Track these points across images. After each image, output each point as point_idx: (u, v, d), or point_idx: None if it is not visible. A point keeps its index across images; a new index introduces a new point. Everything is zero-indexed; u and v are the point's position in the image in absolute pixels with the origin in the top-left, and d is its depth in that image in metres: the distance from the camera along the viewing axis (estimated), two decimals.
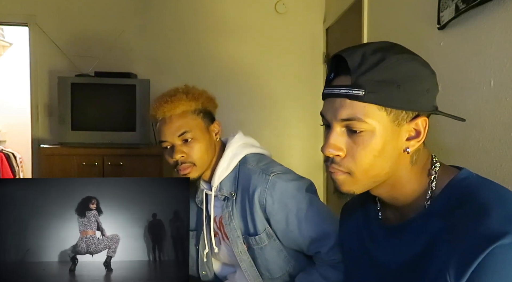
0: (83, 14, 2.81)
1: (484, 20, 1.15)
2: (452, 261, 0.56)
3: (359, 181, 0.67)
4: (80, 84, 2.46)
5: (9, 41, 4.26)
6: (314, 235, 1.07)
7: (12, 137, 4.30)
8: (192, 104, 1.15)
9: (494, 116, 1.11)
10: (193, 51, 2.91)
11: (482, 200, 0.59)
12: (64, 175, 2.36)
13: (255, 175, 1.12)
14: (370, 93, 0.62)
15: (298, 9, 3.01)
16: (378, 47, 0.64)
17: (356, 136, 0.65)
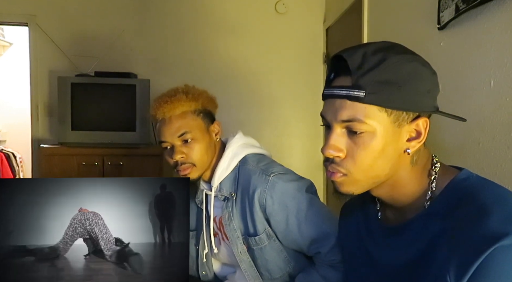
0: (83, 14, 2.81)
1: (484, 20, 1.15)
2: (453, 262, 0.56)
3: (358, 182, 0.67)
4: (80, 84, 2.46)
5: (9, 41, 4.26)
6: (314, 236, 1.07)
7: (12, 137, 4.30)
8: (192, 105, 1.15)
9: (494, 116, 1.11)
10: (193, 51, 2.91)
11: (482, 201, 0.59)
12: (64, 175, 2.36)
13: (255, 176, 1.12)
14: (370, 94, 0.62)
15: (298, 9, 3.01)
16: (379, 47, 0.64)
17: (356, 137, 0.65)
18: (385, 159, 0.65)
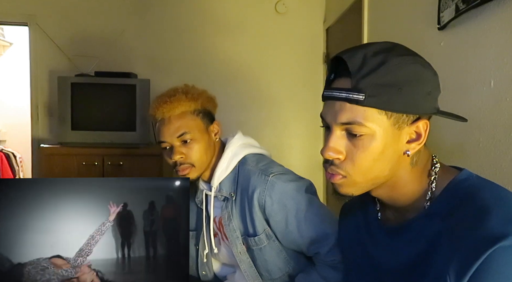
0: (83, 14, 2.81)
1: (484, 20, 1.15)
2: (452, 263, 0.55)
3: (358, 184, 0.67)
4: (80, 84, 2.46)
5: (9, 41, 4.25)
6: (313, 236, 1.07)
7: (12, 137, 4.30)
8: (191, 105, 1.15)
9: (494, 116, 1.11)
10: (193, 51, 2.91)
11: (482, 201, 0.59)
12: (64, 175, 2.36)
13: (255, 176, 1.12)
14: (370, 97, 0.61)
15: (298, 9, 3.01)
16: (379, 49, 0.63)
17: (356, 140, 0.64)
18: (384, 161, 0.65)
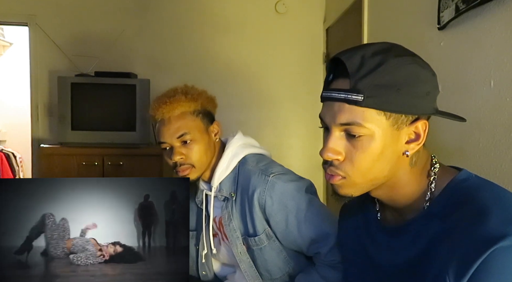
0: (83, 14, 2.81)
1: (484, 20, 1.15)
2: (452, 264, 0.55)
3: (357, 185, 0.67)
4: (80, 84, 2.46)
5: (9, 41, 4.25)
6: (313, 236, 1.07)
7: (12, 137, 4.30)
8: (191, 105, 1.15)
9: (494, 116, 1.11)
10: (193, 51, 2.91)
11: (482, 201, 0.59)
12: (64, 175, 2.36)
13: (255, 176, 1.12)
14: (369, 97, 0.61)
15: (298, 9, 3.01)
16: (378, 50, 0.63)
17: (355, 140, 0.64)
18: (383, 161, 0.65)
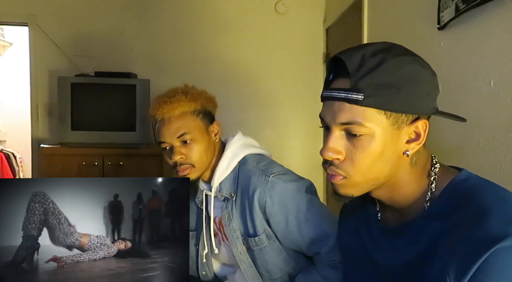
0: (83, 14, 2.81)
1: (484, 20, 1.15)
2: (452, 264, 0.55)
3: (358, 184, 0.67)
4: (80, 84, 2.46)
5: (9, 41, 4.25)
6: (314, 236, 1.07)
7: (12, 137, 4.30)
8: (191, 105, 1.15)
9: (494, 116, 1.11)
10: (193, 51, 2.91)
11: (482, 202, 0.59)
12: (64, 175, 2.36)
13: (255, 176, 1.12)
14: (369, 97, 0.61)
15: (298, 9, 3.01)
16: (378, 49, 0.63)
17: (355, 140, 0.64)
18: (384, 161, 0.65)
